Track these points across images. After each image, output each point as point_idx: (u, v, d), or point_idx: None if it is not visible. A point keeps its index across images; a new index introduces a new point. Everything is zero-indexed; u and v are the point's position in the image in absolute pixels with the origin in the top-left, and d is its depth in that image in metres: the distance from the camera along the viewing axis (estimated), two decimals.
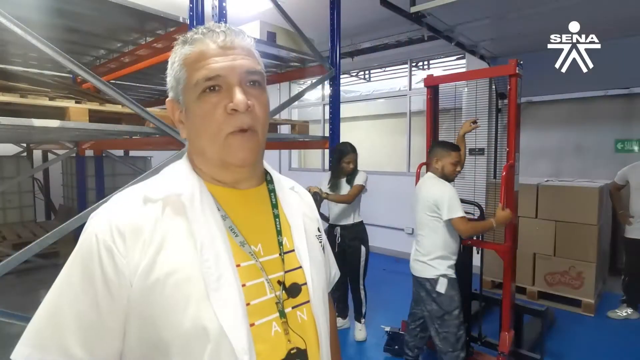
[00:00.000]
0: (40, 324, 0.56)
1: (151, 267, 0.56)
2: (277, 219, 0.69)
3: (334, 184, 2.95)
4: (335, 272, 0.88)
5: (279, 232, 0.68)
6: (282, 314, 0.62)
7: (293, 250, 0.69)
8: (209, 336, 0.55)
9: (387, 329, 2.72)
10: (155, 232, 0.58)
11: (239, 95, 0.60)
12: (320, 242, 0.77)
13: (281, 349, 0.61)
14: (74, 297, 0.55)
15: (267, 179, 0.74)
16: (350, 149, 2.93)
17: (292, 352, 0.61)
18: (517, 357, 2.42)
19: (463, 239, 2.35)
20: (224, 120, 0.60)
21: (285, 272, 0.66)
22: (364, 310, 3.01)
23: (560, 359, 2.69)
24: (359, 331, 2.99)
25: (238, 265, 0.61)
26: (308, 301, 0.66)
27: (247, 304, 0.59)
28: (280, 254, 0.67)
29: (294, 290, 0.65)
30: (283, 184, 0.76)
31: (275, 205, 0.71)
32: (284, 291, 0.64)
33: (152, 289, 0.55)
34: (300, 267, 0.68)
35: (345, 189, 2.91)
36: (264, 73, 0.66)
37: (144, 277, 0.55)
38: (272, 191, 0.72)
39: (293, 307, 0.65)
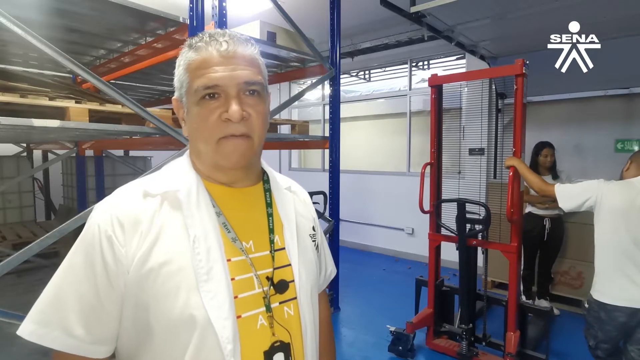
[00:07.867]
0: (45, 304, 0.60)
1: (147, 257, 0.59)
2: (270, 218, 0.72)
3: None
4: (332, 270, 0.89)
5: (271, 230, 0.71)
6: (269, 309, 0.65)
7: (284, 248, 0.71)
8: (196, 324, 0.58)
9: (392, 329, 2.68)
10: (153, 224, 0.61)
11: (234, 107, 0.62)
12: (314, 240, 0.79)
13: (265, 341, 0.64)
14: (76, 281, 0.59)
15: (264, 178, 0.76)
16: None
17: (275, 344, 0.64)
18: (523, 357, 2.41)
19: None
20: (217, 126, 0.63)
21: (274, 269, 0.68)
22: None
23: (563, 359, 2.69)
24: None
25: (229, 260, 0.64)
26: (295, 297, 0.69)
27: (235, 297, 0.62)
28: (270, 252, 0.69)
29: (281, 286, 0.68)
30: (279, 183, 0.78)
31: (269, 204, 0.73)
32: (271, 287, 0.67)
33: (147, 277, 0.59)
34: (290, 264, 0.70)
35: None
36: (265, 82, 0.68)
37: (139, 266, 0.59)
38: (267, 190, 0.75)
39: (280, 303, 0.67)
